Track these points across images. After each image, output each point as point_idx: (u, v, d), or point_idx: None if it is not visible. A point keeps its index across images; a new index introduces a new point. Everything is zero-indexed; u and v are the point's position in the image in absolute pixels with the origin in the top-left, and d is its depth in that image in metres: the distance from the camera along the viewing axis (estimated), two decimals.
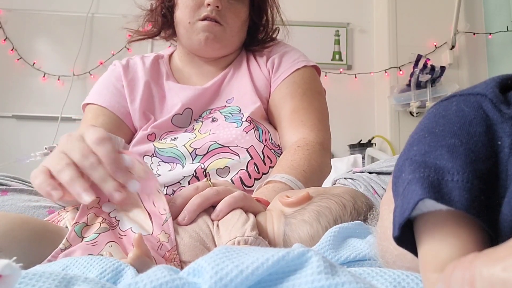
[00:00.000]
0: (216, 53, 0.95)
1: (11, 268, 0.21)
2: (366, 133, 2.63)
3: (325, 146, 0.85)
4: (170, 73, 0.98)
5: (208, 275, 0.25)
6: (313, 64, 0.97)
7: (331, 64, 2.73)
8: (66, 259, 0.36)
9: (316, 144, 0.82)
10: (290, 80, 0.92)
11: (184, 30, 0.92)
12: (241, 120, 0.85)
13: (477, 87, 0.30)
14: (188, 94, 0.92)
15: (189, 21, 0.89)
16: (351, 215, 0.52)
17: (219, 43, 0.91)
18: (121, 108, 0.91)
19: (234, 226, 0.49)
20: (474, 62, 2.65)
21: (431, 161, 0.27)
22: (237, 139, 0.81)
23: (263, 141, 0.84)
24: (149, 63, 0.98)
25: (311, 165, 0.76)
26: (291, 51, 0.99)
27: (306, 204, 0.54)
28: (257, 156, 0.81)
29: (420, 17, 2.67)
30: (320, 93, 0.96)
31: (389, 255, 0.34)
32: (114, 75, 0.96)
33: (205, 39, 0.89)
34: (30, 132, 2.61)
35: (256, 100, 0.90)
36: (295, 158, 0.77)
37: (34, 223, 0.48)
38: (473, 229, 0.25)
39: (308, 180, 0.72)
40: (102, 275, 0.33)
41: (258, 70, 0.97)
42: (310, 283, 0.24)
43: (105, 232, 0.48)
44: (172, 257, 0.48)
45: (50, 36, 2.72)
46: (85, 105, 0.95)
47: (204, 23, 0.88)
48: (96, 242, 0.47)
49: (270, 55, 0.98)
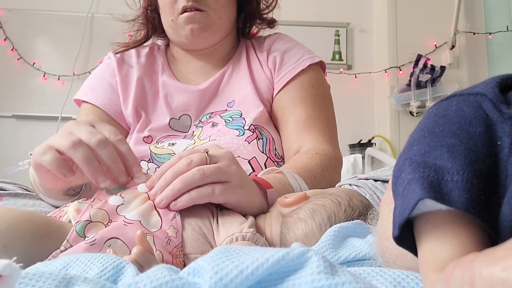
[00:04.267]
0: (208, 41, 0.90)
1: (11, 268, 0.21)
2: (366, 133, 2.63)
3: (340, 162, 0.85)
4: (167, 65, 0.94)
5: (208, 275, 0.25)
6: (318, 59, 0.93)
7: (331, 64, 2.73)
8: (67, 257, 0.36)
9: (333, 158, 0.81)
10: (297, 83, 0.88)
11: (170, 29, 0.89)
12: (243, 127, 0.81)
13: (477, 87, 0.30)
14: (184, 98, 0.89)
15: (171, 18, 0.86)
16: (346, 212, 0.53)
17: (207, 31, 0.86)
18: (113, 107, 0.89)
19: (232, 224, 0.50)
20: (474, 62, 2.65)
21: (431, 161, 0.27)
22: (238, 149, 0.78)
23: (266, 152, 0.81)
24: (144, 55, 0.95)
25: (323, 175, 0.75)
26: (294, 48, 0.93)
27: (303, 204, 0.54)
28: (259, 168, 0.78)
29: (420, 17, 2.67)
30: (328, 99, 0.94)
31: (389, 255, 0.34)
32: (109, 70, 0.93)
33: (191, 32, 0.85)
34: (30, 132, 2.61)
35: (259, 104, 0.86)
36: (311, 162, 0.75)
37: (37, 218, 0.48)
38: (473, 229, 0.25)
39: (315, 186, 0.70)
40: (102, 273, 0.33)
41: (259, 69, 0.92)
42: (310, 283, 0.24)
43: (104, 231, 0.48)
44: (178, 253, 0.48)
45: (50, 36, 2.72)
46: (80, 101, 0.93)
47: (184, 15, 0.83)
48: (95, 241, 0.46)
49: (271, 52, 0.93)
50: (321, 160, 0.77)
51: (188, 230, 0.50)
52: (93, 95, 0.90)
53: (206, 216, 0.53)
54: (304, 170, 0.72)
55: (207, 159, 0.54)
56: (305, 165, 0.74)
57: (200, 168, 0.52)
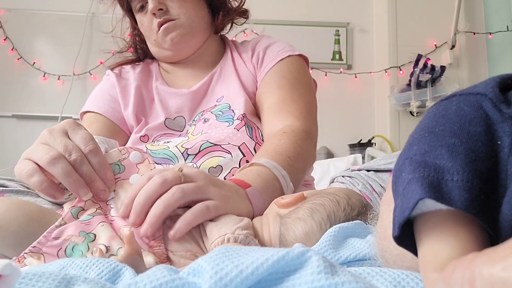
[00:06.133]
0: (190, 45, 0.95)
1: (11, 268, 0.21)
2: (366, 133, 2.63)
3: (311, 135, 0.84)
4: (159, 74, 1.00)
5: (208, 275, 0.25)
6: (298, 53, 0.96)
7: (331, 64, 2.73)
8: (63, 260, 0.36)
9: (302, 131, 0.81)
10: (275, 70, 0.91)
11: (156, 48, 0.96)
12: (233, 118, 0.84)
13: (477, 86, 0.30)
14: (177, 102, 0.93)
15: (153, 38, 0.93)
16: (345, 211, 0.53)
17: (185, 35, 0.91)
18: (115, 113, 0.93)
19: (225, 224, 0.50)
20: (474, 62, 2.65)
21: (431, 160, 0.27)
22: (228, 137, 0.80)
23: (254, 138, 0.84)
24: (139, 68, 1.01)
25: (296, 152, 0.75)
26: (275, 43, 0.98)
27: (301, 204, 0.54)
28: (249, 153, 0.80)
29: (420, 17, 2.67)
30: (309, 87, 0.94)
31: (389, 255, 0.34)
32: (109, 83, 0.99)
33: (171, 40, 0.91)
34: (30, 132, 2.61)
35: (244, 95, 0.90)
36: (280, 143, 0.75)
37: (30, 206, 0.53)
38: (473, 229, 0.25)
39: (292, 166, 0.71)
40: (99, 276, 0.32)
41: (243, 67, 0.96)
42: (310, 283, 0.24)
43: (98, 216, 0.52)
44: (157, 245, 0.49)
45: (50, 36, 2.72)
46: (83, 114, 0.97)
47: (161, 29, 0.90)
48: (90, 221, 0.50)
49: (254, 50, 0.98)
50: (290, 138, 0.77)
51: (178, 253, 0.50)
52: (95, 104, 0.95)
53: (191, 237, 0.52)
54: (276, 153, 0.71)
55: (181, 178, 0.52)
56: (275, 148, 0.73)
57: (179, 186, 0.50)
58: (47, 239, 0.47)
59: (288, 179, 0.68)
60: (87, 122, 0.94)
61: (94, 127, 0.90)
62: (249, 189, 0.60)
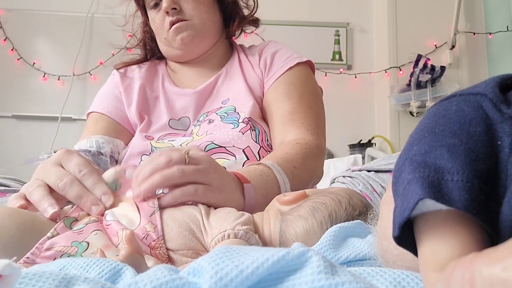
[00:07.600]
0: (199, 47, 0.96)
1: (11, 268, 0.21)
2: (366, 133, 2.63)
3: (322, 150, 0.86)
4: (167, 75, 1.01)
5: (208, 275, 0.25)
6: (306, 59, 0.97)
7: (331, 64, 2.73)
8: (63, 260, 0.36)
9: (314, 146, 0.83)
10: (285, 80, 0.92)
11: (165, 46, 0.97)
12: (238, 121, 0.85)
13: (477, 86, 0.30)
14: (182, 102, 0.94)
15: (164, 37, 0.94)
16: (346, 210, 0.53)
17: (196, 37, 0.93)
18: (118, 112, 0.94)
19: (226, 220, 0.51)
20: (474, 62, 2.65)
21: (431, 160, 0.27)
22: (233, 140, 0.82)
23: (259, 142, 0.85)
24: (145, 67, 1.02)
25: (304, 164, 0.76)
26: (283, 49, 0.99)
27: (303, 201, 0.54)
28: (253, 157, 0.81)
29: (420, 17, 2.67)
30: (317, 96, 0.96)
31: (389, 255, 0.34)
32: (113, 83, 1.00)
33: (181, 40, 0.92)
34: (30, 132, 2.61)
35: (250, 100, 0.91)
36: (290, 152, 0.77)
37: (22, 214, 0.51)
38: (473, 229, 0.25)
39: (295, 176, 0.72)
40: (99, 276, 0.32)
41: (251, 70, 0.97)
42: (310, 283, 0.24)
43: (92, 223, 0.51)
44: (158, 245, 0.49)
45: (50, 36, 2.72)
46: (88, 114, 0.99)
47: (173, 28, 0.91)
48: (82, 230, 0.50)
49: (262, 55, 0.99)
50: (301, 150, 0.79)
51: (173, 226, 0.51)
52: (100, 105, 0.97)
53: (195, 212, 0.53)
54: (284, 160, 0.74)
55: (186, 160, 0.56)
56: (285, 155, 0.76)
57: (180, 167, 0.54)
58: (40, 251, 0.46)
59: (288, 186, 0.70)
60: (92, 121, 0.95)
61: (99, 127, 0.91)
62: (246, 185, 0.63)
